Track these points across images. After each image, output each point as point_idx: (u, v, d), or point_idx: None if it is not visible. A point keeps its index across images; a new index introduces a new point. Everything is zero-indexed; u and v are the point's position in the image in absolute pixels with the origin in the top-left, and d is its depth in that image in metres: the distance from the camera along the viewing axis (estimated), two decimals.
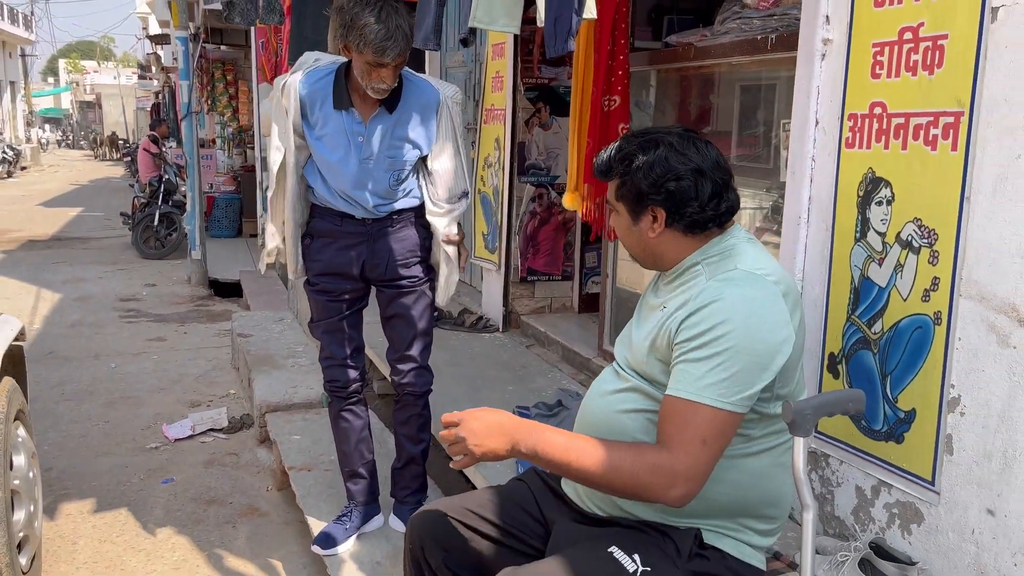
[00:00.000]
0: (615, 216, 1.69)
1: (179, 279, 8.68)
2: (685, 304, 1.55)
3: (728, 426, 1.50)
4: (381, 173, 2.53)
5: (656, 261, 1.68)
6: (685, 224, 1.59)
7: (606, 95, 3.05)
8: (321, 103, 2.49)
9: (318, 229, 2.63)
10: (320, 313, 2.68)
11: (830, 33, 2.10)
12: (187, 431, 4.29)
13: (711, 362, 1.49)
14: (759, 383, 1.49)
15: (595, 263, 4.32)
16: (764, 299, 1.51)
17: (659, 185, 1.57)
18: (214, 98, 12.40)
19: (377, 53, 2.29)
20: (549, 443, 1.54)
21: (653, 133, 1.63)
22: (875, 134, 1.98)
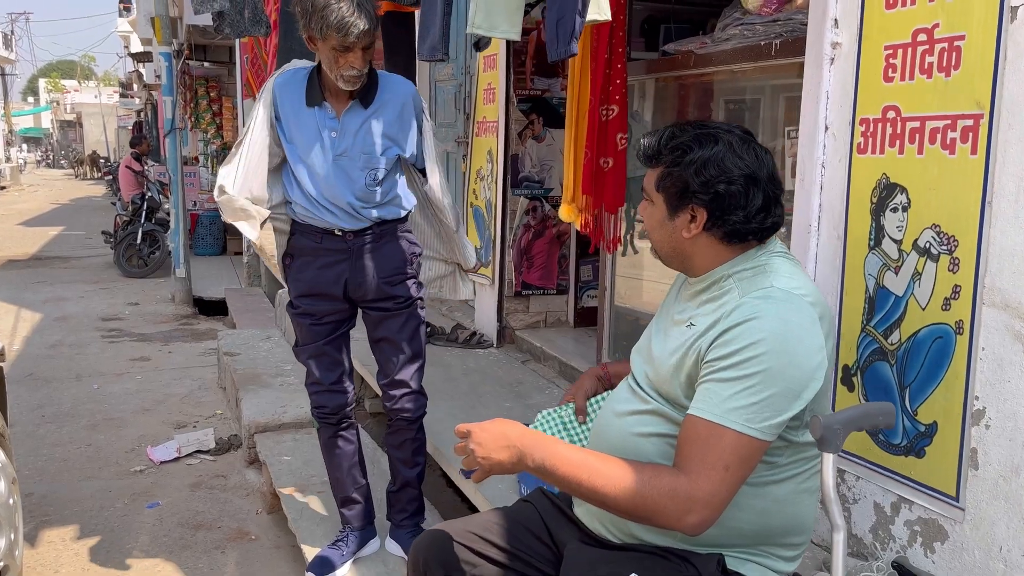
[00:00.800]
0: (648, 206, 1.59)
1: (162, 297, 8.54)
2: (717, 322, 1.46)
3: (753, 453, 1.42)
4: (356, 171, 2.41)
5: (683, 263, 1.59)
6: (725, 231, 1.50)
7: (604, 105, 2.99)
8: (294, 102, 2.40)
9: (299, 247, 2.51)
10: (304, 337, 2.56)
11: (839, 37, 2.05)
12: (173, 453, 4.17)
13: (740, 384, 1.40)
14: (789, 411, 1.41)
15: (590, 276, 4.26)
16: (801, 322, 1.42)
17: (709, 185, 1.47)
18: (197, 115, 12.30)
19: (341, 33, 2.17)
20: (559, 457, 1.45)
21: (712, 127, 1.52)
22: (889, 139, 1.93)
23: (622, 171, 3.03)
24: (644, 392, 1.65)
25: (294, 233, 2.52)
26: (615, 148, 3.02)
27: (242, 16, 3.83)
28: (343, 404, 2.60)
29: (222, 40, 9.99)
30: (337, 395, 2.59)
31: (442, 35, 2.93)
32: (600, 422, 1.75)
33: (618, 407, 1.71)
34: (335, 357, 2.57)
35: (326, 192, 2.41)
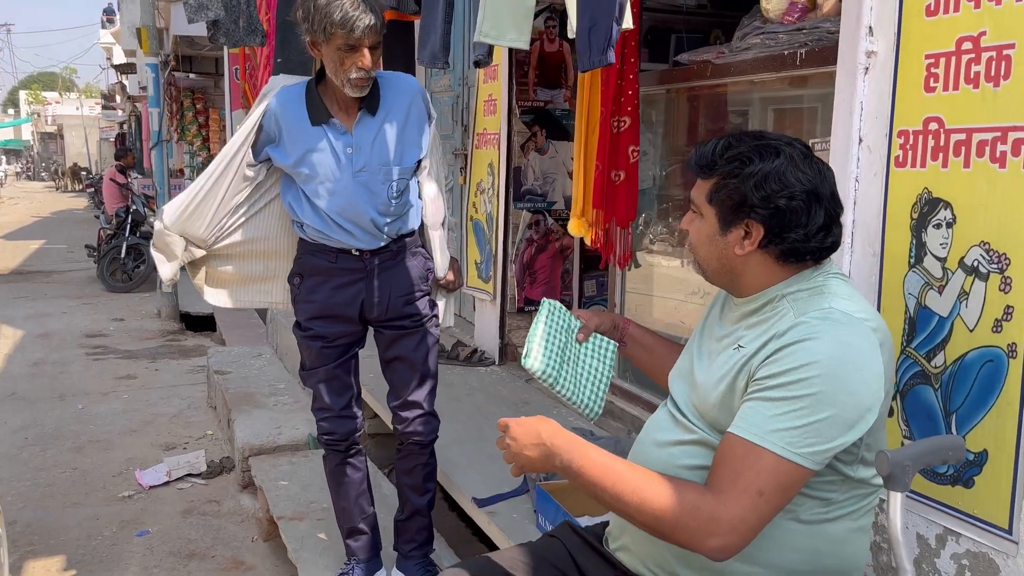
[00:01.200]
0: (695, 219, 1.49)
1: (148, 313, 8.36)
2: (769, 342, 1.37)
3: (793, 481, 1.32)
4: (379, 185, 2.29)
5: (731, 281, 1.49)
6: (783, 250, 1.40)
7: (615, 116, 2.89)
8: (296, 122, 2.27)
9: (309, 267, 2.39)
10: (314, 360, 2.43)
11: (874, 45, 1.96)
12: (162, 477, 4.02)
13: (786, 405, 1.31)
14: (839, 441, 1.31)
15: (594, 292, 4.16)
16: (861, 348, 1.33)
17: (769, 200, 1.37)
18: (183, 127, 12.14)
19: (346, 29, 2.06)
20: (587, 459, 1.39)
21: (771, 139, 1.43)
22: (931, 152, 1.84)
23: (634, 184, 2.93)
24: (688, 421, 1.54)
25: (303, 252, 2.40)
26: (627, 161, 2.92)
27: (237, 25, 3.71)
28: (353, 430, 2.49)
29: (209, 51, 9.87)
30: (347, 421, 2.47)
31: (443, 43, 2.83)
32: (638, 451, 1.65)
33: (658, 436, 1.60)
34: (345, 381, 2.45)
35: (347, 212, 2.29)
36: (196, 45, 9.80)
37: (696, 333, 1.70)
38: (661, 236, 3.23)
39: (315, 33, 2.11)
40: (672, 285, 3.21)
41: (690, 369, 1.59)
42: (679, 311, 3.14)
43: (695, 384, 1.55)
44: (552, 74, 4.03)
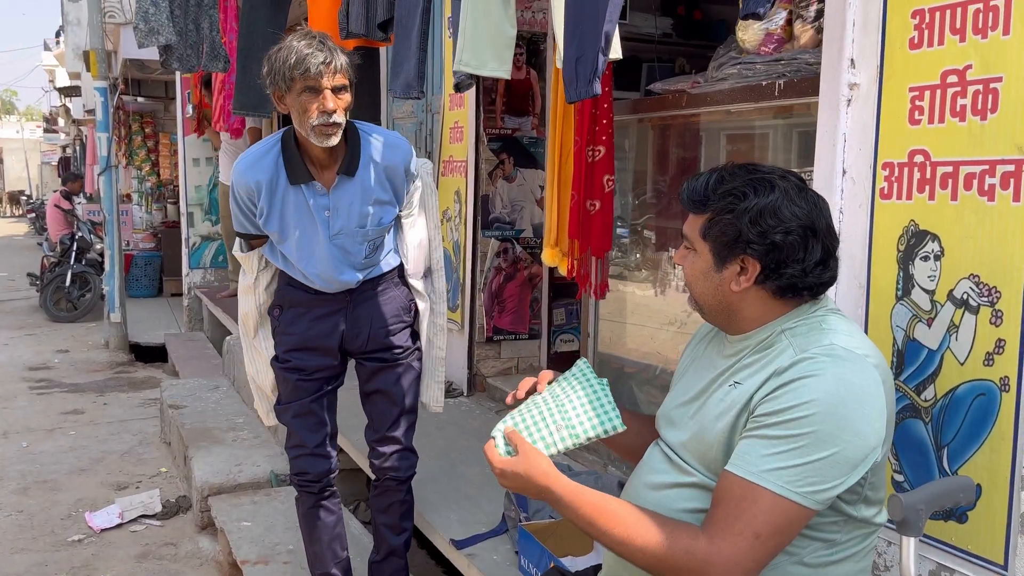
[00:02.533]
0: (689, 255, 1.46)
1: (95, 344, 8.07)
2: (769, 379, 1.33)
3: (791, 521, 1.28)
4: (355, 246, 2.24)
5: (727, 318, 1.46)
6: (779, 285, 1.37)
7: (590, 145, 2.87)
8: (271, 183, 2.17)
9: (289, 298, 2.33)
10: (290, 394, 2.35)
11: (857, 77, 1.96)
12: (115, 519, 3.83)
13: (785, 444, 1.27)
14: (839, 481, 1.27)
15: (563, 320, 4.12)
16: (863, 385, 1.30)
17: (765, 235, 1.34)
18: (131, 151, 11.84)
19: (301, 69, 2.01)
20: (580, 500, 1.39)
21: (765, 171, 1.41)
22: (917, 184, 1.84)
23: (609, 214, 2.91)
24: (684, 463, 1.49)
25: (282, 284, 2.33)
26: (602, 190, 2.89)
27: (195, 51, 3.61)
28: (327, 470, 2.40)
29: (159, 74, 9.67)
30: (320, 460, 2.38)
31: (417, 71, 2.79)
32: (631, 494, 1.59)
33: (652, 478, 1.55)
34: (321, 417, 2.37)
35: (323, 272, 2.25)
36: (146, 68, 9.58)
37: (683, 370, 1.65)
38: (635, 265, 3.20)
39: (278, 85, 2.06)
40: (646, 313, 3.18)
41: (681, 410, 1.55)
42: (654, 340, 3.11)
43: (687, 425, 1.51)
44: (519, 102, 4.01)
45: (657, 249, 3.12)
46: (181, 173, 8.08)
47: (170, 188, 11.44)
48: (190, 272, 8.03)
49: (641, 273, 3.16)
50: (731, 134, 2.73)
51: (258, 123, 6.62)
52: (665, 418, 1.62)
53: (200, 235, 8.09)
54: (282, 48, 2.06)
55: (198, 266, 8.06)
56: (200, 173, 8.10)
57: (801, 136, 2.40)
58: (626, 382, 3.20)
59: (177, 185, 8.78)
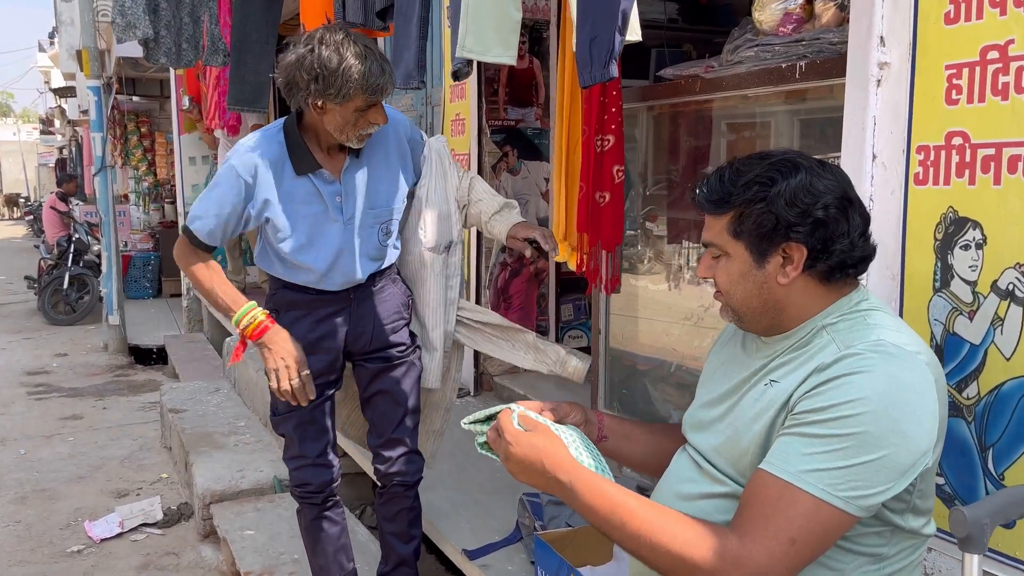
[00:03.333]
0: (719, 262, 1.36)
1: (94, 347, 7.97)
2: (811, 375, 1.23)
3: (831, 528, 1.18)
4: (367, 230, 2.17)
5: (772, 319, 1.35)
6: (829, 266, 1.28)
7: (599, 135, 2.75)
8: (277, 170, 2.07)
9: (286, 301, 2.22)
10: (289, 404, 2.24)
11: (887, 56, 1.85)
12: (115, 528, 3.73)
13: (828, 443, 1.17)
14: (885, 487, 1.17)
15: (571, 316, 4.01)
16: (915, 384, 1.20)
17: (807, 214, 1.26)
18: (127, 151, 11.72)
19: (372, 92, 1.95)
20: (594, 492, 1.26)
21: (782, 155, 1.33)
22: (955, 168, 1.72)
23: (620, 206, 2.79)
24: (716, 470, 1.39)
25: (277, 287, 2.22)
26: (611, 181, 2.77)
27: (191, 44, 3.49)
28: (330, 480, 2.30)
29: (154, 72, 9.54)
30: (323, 470, 2.28)
31: (417, 60, 2.68)
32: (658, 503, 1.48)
33: (682, 488, 1.44)
34: (322, 425, 2.27)
35: (340, 265, 2.16)
36: (140, 67, 9.45)
37: (710, 373, 1.55)
38: (647, 258, 3.09)
39: (329, 96, 1.95)
40: (660, 308, 3.07)
41: (709, 411, 1.44)
42: (668, 335, 3.00)
43: (718, 429, 1.41)
44: (523, 92, 3.89)
45: (670, 241, 3.01)
46: (177, 172, 7.97)
47: (167, 188, 11.32)
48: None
49: (654, 266, 3.05)
50: (747, 121, 2.61)
51: (262, 119, 6.49)
52: (692, 422, 1.51)
53: None
54: (332, 57, 1.92)
55: None
56: (196, 172, 7.98)
57: (823, 121, 2.28)
58: (639, 379, 3.09)
59: (174, 184, 8.66)
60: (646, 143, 3.02)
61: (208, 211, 2.08)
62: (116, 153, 11.93)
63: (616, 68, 1.66)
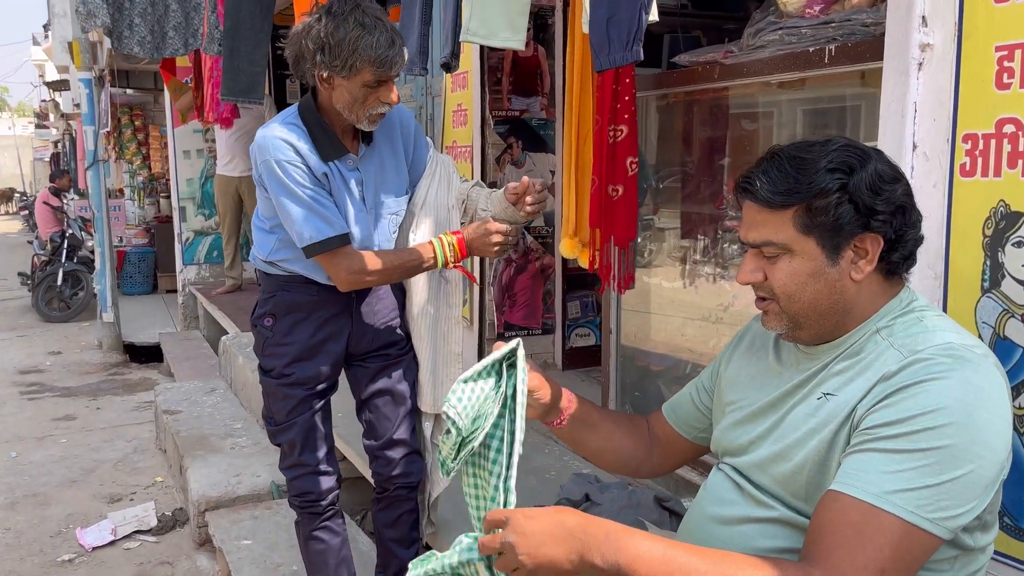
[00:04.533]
0: (778, 262, 1.22)
1: (88, 344, 7.83)
2: (876, 385, 1.12)
3: (920, 553, 1.06)
4: (382, 221, 2.08)
5: (837, 322, 1.23)
6: (899, 257, 1.20)
7: (611, 125, 2.61)
8: (309, 158, 1.97)
9: (286, 304, 2.11)
10: (291, 412, 2.13)
11: (930, 37, 1.71)
12: (107, 536, 3.60)
13: (912, 459, 1.05)
14: (972, 505, 1.07)
15: (578, 313, 3.88)
16: (992, 391, 1.09)
17: (891, 200, 1.18)
18: (121, 145, 11.56)
19: (382, 66, 1.84)
20: (639, 552, 1.06)
21: (840, 140, 1.22)
22: (1007, 158, 1.59)
23: (633, 199, 2.66)
24: (761, 492, 1.26)
25: (275, 289, 2.10)
26: (625, 174, 2.64)
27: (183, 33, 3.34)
28: (331, 488, 2.20)
29: (147, 65, 9.37)
30: (324, 478, 2.18)
31: (420, 46, 2.54)
32: (694, 529, 1.36)
33: (721, 511, 1.32)
34: (323, 431, 2.19)
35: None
36: (133, 59, 9.28)
37: (739, 385, 1.41)
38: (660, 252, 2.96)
39: (335, 68, 1.85)
40: (674, 306, 2.94)
41: (750, 431, 1.32)
42: (683, 335, 2.87)
43: (762, 445, 1.28)
44: (527, 81, 3.75)
45: (684, 236, 2.87)
46: (172, 166, 7.81)
47: (162, 182, 11.16)
48: (184, 268, 7.77)
49: (668, 262, 2.92)
50: (769, 109, 2.48)
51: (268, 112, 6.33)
52: (727, 446, 1.38)
53: (193, 230, 7.83)
54: (340, 27, 1.83)
55: (192, 262, 7.81)
56: (191, 166, 7.83)
57: (859, 107, 2.15)
58: (653, 381, 2.97)
59: (169, 179, 8.51)
60: (661, 134, 2.88)
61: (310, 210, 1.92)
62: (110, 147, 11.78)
63: (641, 50, 1.52)
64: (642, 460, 1.59)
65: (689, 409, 1.56)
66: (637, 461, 1.58)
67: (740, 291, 2.62)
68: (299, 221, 1.92)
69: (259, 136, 1.98)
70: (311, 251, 1.95)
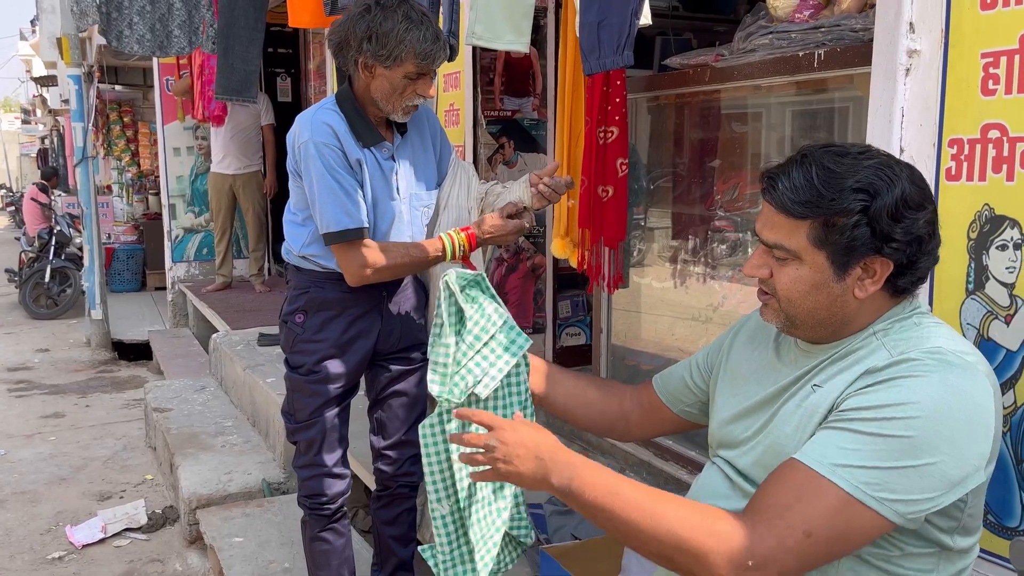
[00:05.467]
0: (786, 265, 1.24)
1: (77, 341, 7.80)
2: (861, 376, 1.16)
3: (856, 529, 1.09)
4: (414, 213, 2.12)
5: (835, 330, 1.25)
6: (907, 282, 1.21)
7: (601, 126, 2.63)
8: (348, 143, 2.01)
9: (319, 301, 2.12)
10: (317, 409, 2.15)
11: (917, 43, 1.74)
12: (97, 533, 3.60)
13: (871, 442, 1.09)
14: (929, 497, 1.09)
15: (569, 313, 3.90)
16: (974, 396, 1.11)
17: (910, 229, 1.17)
18: (110, 141, 11.50)
19: (425, 59, 1.90)
20: (591, 479, 1.19)
21: (876, 156, 1.21)
22: (992, 163, 1.62)
23: (623, 200, 2.68)
24: (753, 488, 1.29)
25: (308, 285, 2.10)
26: (615, 175, 2.66)
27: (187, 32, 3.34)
28: (342, 491, 2.22)
29: (136, 61, 9.34)
30: (337, 481, 2.20)
31: None
32: None
33: (715, 504, 1.34)
34: (343, 432, 2.22)
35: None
36: (122, 55, 9.24)
37: (739, 377, 1.44)
38: (651, 253, 2.98)
39: (380, 58, 1.90)
40: (665, 306, 2.96)
41: (746, 426, 1.34)
42: (674, 334, 2.90)
43: (755, 440, 1.31)
44: (519, 82, 3.77)
45: (675, 236, 2.90)
46: (161, 163, 7.78)
47: (151, 179, 11.11)
48: (173, 266, 7.75)
49: (658, 263, 2.94)
50: (759, 112, 2.50)
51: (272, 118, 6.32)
52: (723, 439, 1.41)
53: (183, 227, 7.81)
54: (388, 18, 1.88)
55: (182, 259, 7.79)
56: (181, 163, 7.80)
57: (846, 111, 2.18)
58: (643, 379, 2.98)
59: (158, 176, 8.48)
60: (651, 136, 2.90)
61: (336, 198, 1.96)
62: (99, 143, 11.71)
63: (631, 55, 1.54)
64: (614, 421, 1.66)
65: (679, 385, 1.61)
66: (608, 421, 1.66)
67: (730, 291, 2.65)
68: (325, 205, 1.96)
69: (299, 120, 2.03)
70: (329, 239, 1.99)
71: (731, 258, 2.62)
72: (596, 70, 1.65)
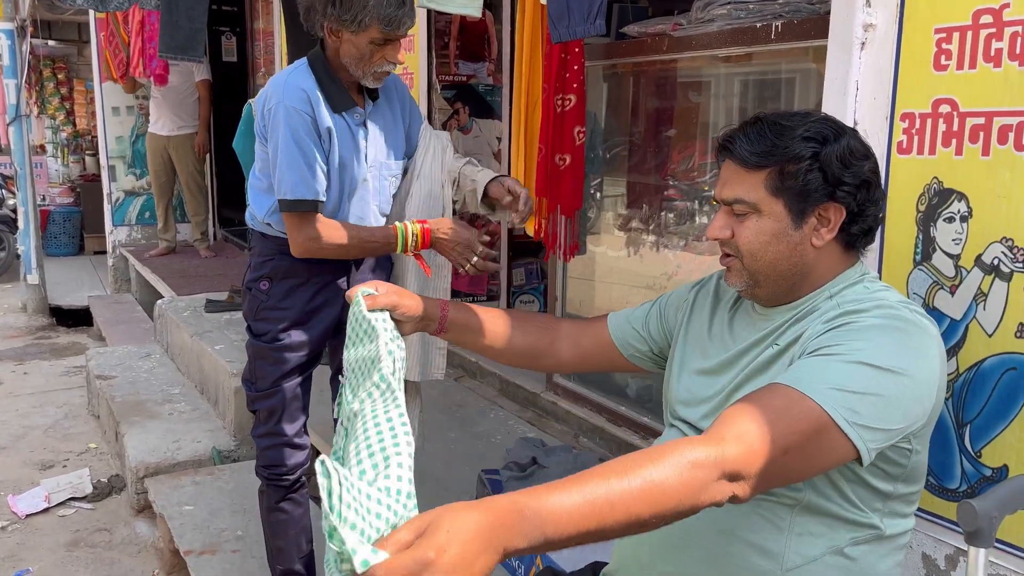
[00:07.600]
0: (747, 220, 1.30)
1: (12, 307, 7.54)
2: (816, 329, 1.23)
3: (827, 451, 1.10)
4: (382, 182, 2.08)
5: (794, 284, 1.31)
6: (858, 230, 1.29)
7: (559, 94, 2.63)
8: (319, 109, 1.97)
9: (283, 268, 2.08)
10: (278, 378, 2.11)
11: (873, 17, 1.77)
12: (41, 503, 3.52)
13: (847, 369, 1.13)
14: (897, 418, 1.13)
15: (523, 280, 3.91)
16: (921, 338, 1.20)
17: (858, 173, 1.26)
18: (43, 99, 11.05)
19: (390, 25, 1.86)
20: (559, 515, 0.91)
21: (819, 113, 1.33)
22: (942, 137, 1.66)
23: (580, 169, 2.69)
24: None
25: (272, 252, 2.06)
26: (572, 143, 2.67)
27: None
28: (302, 462, 2.20)
29: (72, 15, 8.95)
30: (297, 452, 2.17)
31: None
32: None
33: None
34: (304, 402, 2.18)
35: (355, 213, 2.06)
36: (56, 8, 8.84)
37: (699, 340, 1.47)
38: (606, 221, 3.00)
39: (344, 23, 1.86)
40: (619, 274, 2.99)
41: (710, 384, 1.38)
42: (628, 302, 2.93)
43: (721, 399, 1.36)
44: (475, 46, 3.72)
45: (630, 206, 2.92)
46: (99, 123, 7.50)
47: (87, 139, 10.73)
48: (114, 230, 7.52)
49: (613, 231, 2.97)
50: (717, 81, 2.52)
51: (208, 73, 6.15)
52: (685, 395, 1.44)
53: (124, 190, 7.57)
54: None
55: (123, 223, 7.56)
56: (121, 123, 7.54)
57: (801, 83, 2.21)
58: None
59: (95, 136, 8.18)
60: (608, 104, 2.90)
61: (297, 165, 1.92)
62: (32, 101, 11.24)
63: (603, 23, 1.53)
64: (540, 353, 1.62)
65: (635, 331, 1.60)
66: (533, 354, 1.62)
67: (684, 260, 2.69)
68: (285, 170, 1.92)
69: (271, 83, 1.99)
70: (284, 205, 1.96)
71: (685, 226, 2.65)
72: (565, 38, 1.64)
